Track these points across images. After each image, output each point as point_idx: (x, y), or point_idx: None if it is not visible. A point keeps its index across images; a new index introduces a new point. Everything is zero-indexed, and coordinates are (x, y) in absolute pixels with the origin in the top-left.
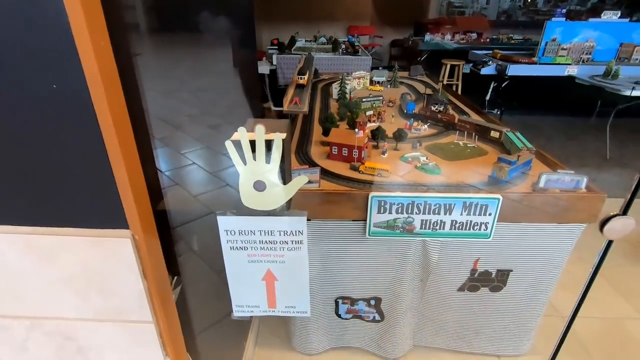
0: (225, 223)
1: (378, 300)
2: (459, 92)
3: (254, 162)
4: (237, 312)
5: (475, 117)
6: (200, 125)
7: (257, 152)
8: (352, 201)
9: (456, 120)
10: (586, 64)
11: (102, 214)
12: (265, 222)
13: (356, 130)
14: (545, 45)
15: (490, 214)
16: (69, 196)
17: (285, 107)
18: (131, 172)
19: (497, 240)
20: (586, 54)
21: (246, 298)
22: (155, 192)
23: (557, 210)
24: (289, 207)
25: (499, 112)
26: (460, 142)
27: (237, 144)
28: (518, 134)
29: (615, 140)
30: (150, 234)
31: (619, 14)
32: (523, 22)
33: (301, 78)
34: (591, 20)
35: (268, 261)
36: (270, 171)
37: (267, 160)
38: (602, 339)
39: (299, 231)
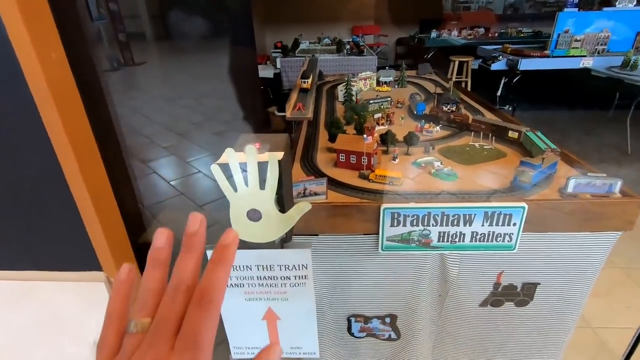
0: None
1: (393, 317)
2: (469, 88)
3: (246, 188)
4: (236, 355)
5: (489, 116)
6: (204, 132)
7: (249, 177)
8: (362, 213)
9: (470, 121)
10: (602, 55)
11: (70, 254)
12: (264, 256)
13: (364, 135)
14: (558, 37)
15: (514, 224)
16: (30, 236)
17: (288, 114)
18: (100, 204)
19: (523, 251)
20: (601, 44)
21: (245, 339)
22: (135, 220)
23: (588, 218)
24: (291, 237)
25: (511, 109)
26: (476, 144)
27: (226, 168)
28: (539, 133)
29: (636, 133)
30: None
31: (635, 2)
32: (531, 14)
33: (304, 82)
34: (605, 9)
35: (268, 299)
36: (266, 198)
37: (262, 186)
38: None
39: (302, 265)
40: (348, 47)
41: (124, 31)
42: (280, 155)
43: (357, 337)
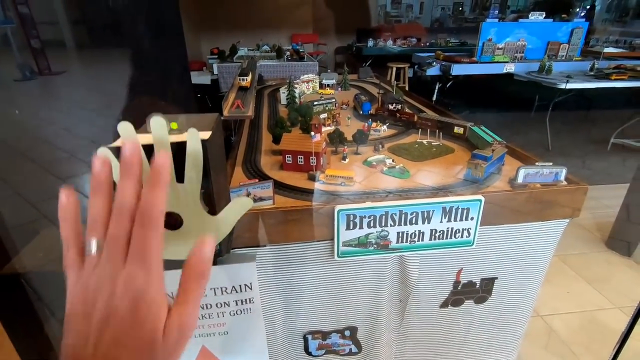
0: None
1: (353, 329)
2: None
3: None
4: None
5: (432, 114)
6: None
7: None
8: (315, 217)
9: (416, 119)
10: (521, 61)
11: None
12: None
13: (312, 133)
14: (483, 45)
15: (472, 218)
16: None
17: (226, 112)
18: None
19: (480, 246)
20: (519, 52)
21: None
22: None
23: (540, 207)
24: (228, 249)
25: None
26: (424, 141)
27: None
28: (483, 127)
29: (554, 131)
30: None
31: (544, 15)
32: (455, 28)
33: (243, 79)
34: (520, 20)
35: (201, 335)
36: (186, 195)
37: (179, 178)
38: (580, 333)
39: (246, 285)
40: (288, 54)
41: (37, 37)
42: (206, 135)
43: (315, 356)
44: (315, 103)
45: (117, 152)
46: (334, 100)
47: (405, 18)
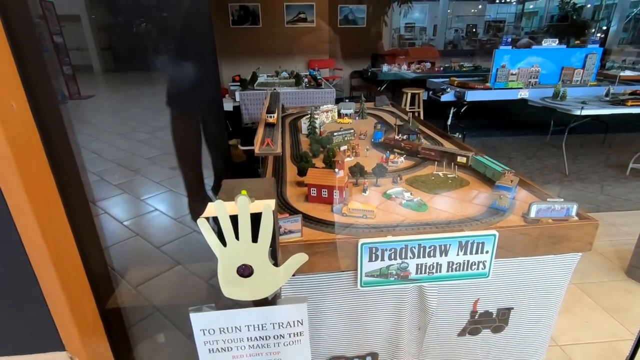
0: (201, 321)
1: (374, 355)
2: (422, 118)
3: (237, 242)
4: None
5: (447, 144)
6: (160, 166)
7: (242, 230)
8: (340, 250)
9: (420, 148)
10: (535, 87)
11: (25, 334)
12: (255, 315)
13: (336, 169)
14: (497, 71)
15: (487, 252)
16: None
17: (257, 150)
18: (63, 272)
19: (496, 278)
20: (533, 77)
21: None
22: (103, 283)
23: (552, 242)
24: (280, 291)
25: (461, 136)
26: (440, 173)
27: (213, 222)
28: (486, 156)
29: (571, 156)
30: (97, 352)
31: (557, 41)
32: (469, 50)
33: (270, 117)
34: (534, 47)
35: None
36: (259, 251)
37: (254, 238)
38: None
39: (298, 321)
40: (306, 80)
41: (69, 64)
42: (273, 204)
43: None
44: (335, 134)
45: (212, 221)
46: (352, 130)
47: (419, 40)
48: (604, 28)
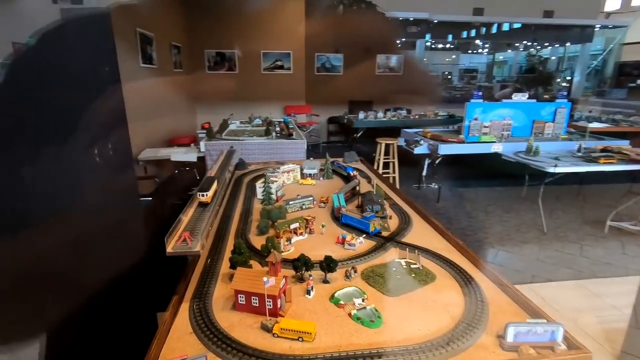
0: None
1: None
2: (396, 167)
3: None
4: None
5: (414, 215)
6: None
7: None
8: None
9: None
10: (508, 140)
11: None
12: None
13: (265, 278)
14: (469, 124)
15: None
16: None
17: (169, 248)
18: None
19: None
20: (505, 130)
21: None
22: None
23: None
24: None
25: (437, 187)
26: (402, 262)
27: None
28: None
29: (547, 210)
30: None
31: (527, 96)
32: (445, 97)
33: (203, 195)
34: (504, 100)
35: None
36: None
37: None
38: None
39: None
40: (278, 128)
41: None
42: None
43: None
44: (291, 202)
45: None
46: (311, 198)
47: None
48: (568, 78)
